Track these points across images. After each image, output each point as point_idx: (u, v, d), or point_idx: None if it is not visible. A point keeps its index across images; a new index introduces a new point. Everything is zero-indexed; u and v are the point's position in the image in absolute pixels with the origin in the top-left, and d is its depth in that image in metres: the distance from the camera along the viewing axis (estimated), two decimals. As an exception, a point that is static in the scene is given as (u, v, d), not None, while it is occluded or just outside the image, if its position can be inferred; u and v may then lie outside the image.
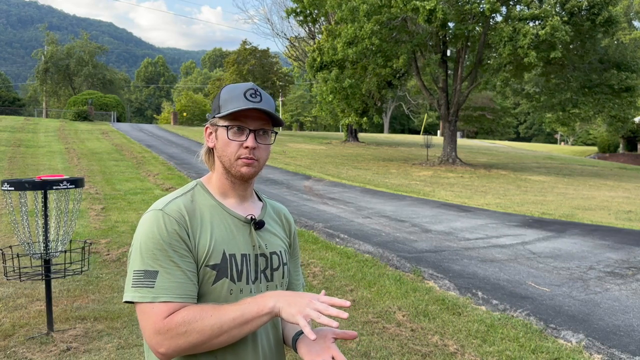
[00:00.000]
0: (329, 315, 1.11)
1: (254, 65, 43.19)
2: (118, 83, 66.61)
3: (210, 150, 1.37)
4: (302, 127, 68.52)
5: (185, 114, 48.41)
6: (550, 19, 17.04)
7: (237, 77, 42.38)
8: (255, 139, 1.29)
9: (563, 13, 18.18)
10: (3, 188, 3.70)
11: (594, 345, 3.91)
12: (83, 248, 4.32)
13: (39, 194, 4.03)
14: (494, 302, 4.86)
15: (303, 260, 6.25)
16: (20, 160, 15.37)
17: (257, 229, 1.34)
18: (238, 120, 1.28)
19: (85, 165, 15.15)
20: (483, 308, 4.79)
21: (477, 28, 20.23)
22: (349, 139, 32.41)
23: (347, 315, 1.11)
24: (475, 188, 15.05)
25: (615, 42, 24.71)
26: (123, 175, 13.72)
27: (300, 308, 1.13)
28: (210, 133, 1.34)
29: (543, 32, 16.74)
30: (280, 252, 1.39)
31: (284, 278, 1.39)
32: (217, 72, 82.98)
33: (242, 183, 1.34)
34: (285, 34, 45.11)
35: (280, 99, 51.24)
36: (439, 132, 43.61)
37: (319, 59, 21.61)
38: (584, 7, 17.89)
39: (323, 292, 1.22)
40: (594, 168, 25.77)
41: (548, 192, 14.83)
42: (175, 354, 1.17)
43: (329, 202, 11.04)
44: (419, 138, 37.38)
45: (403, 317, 4.49)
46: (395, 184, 15.17)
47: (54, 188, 3.82)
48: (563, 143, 65.37)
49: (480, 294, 5.05)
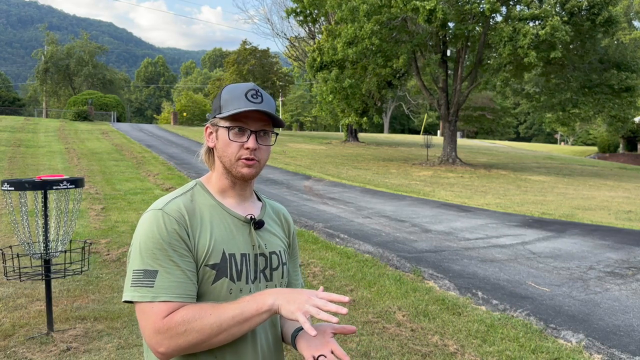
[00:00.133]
0: (328, 311, 1.11)
1: (254, 65, 43.20)
2: (118, 83, 66.62)
3: (210, 150, 1.37)
4: (302, 127, 68.51)
5: (185, 114, 48.41)
6: (550, 19, 17.04)
7: (237, 77, 42.38)
8: (257, 140, 1.29)
9: (563, 13, 18.18)
10: (3, 188, 3.70)
11: (594, 345, 3.91)
12: (83, 248, 4.32)
13: (39, 194, 4.03)
14: (494, 302, 4.86)
15: (303, 260, 6.25)
16: (20, 160, 15.37)
17: (256, 229, 1.34)
18: (239, 121, 1.28)
19: (85, 165, 15.15)
20: (483, 308, 4.79)
21: (477, 28, 20.23)
22: (349, 139, 32.41)
23: (346, 311, 1.10)
24: (475, 188, 15.05)
25: (615, 42, 24.71)
26: (123, 175, 13.72)
27: (300, 304, 1.13)
28: (211, 133, 1.34)
29: (543, 32, 16.74)
30: (280, 252, 1.39)
31: (283, 278, 1.40)
32: (217, 72, 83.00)
33: (242, 183, 1.35)
34: (285, 34, 45.15)
35: (280, 99, 51.24)
36: (439, 132, 43.61)
37: (319, 59, 21.61)
38: (584, 7, 17.89)
39: (321, 288, 1.22)
40: (594, 168, 25.77)
41: (548, 192, 14.83)
42: (175, 354, 1.18)
43: (329, 202, 11.05)
44: (419, 138, 37.38)
45: (403, 317, 4.49)
46: (395, 184, 15.17)
47: (54, 188, 3.82)
48: (563, 143, 65.37)
49: (480, 294, 5.05)
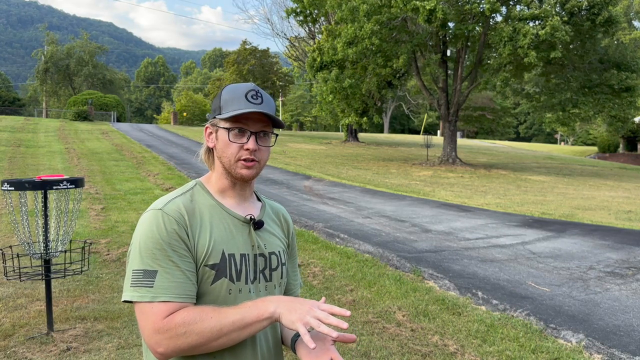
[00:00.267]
0: (329, 325, 1.11)
1: (254, 65, 43.17)
2: (118, 83, 66.58)
3: (210, 150, 1.36)
4: (302, 127, 68.51)
5: (185, 114, 48.43)
6: (550, 19, 17.04)
7: (237, 77, 42.37)
8: (257, 141, 1.29)
9: (563, 13, 18.18)
10: (3, 188, 3.70)
11: (594, 345, 3.90)
12: (83, 248, 4.32)
13: (39, 194, 4.03)
14: (494, 302, 4.86)
15: (303, 260, 6.25)
16: (20, 160, 15.37)
17: (256, 229, 1.34)
18: (239, 122, 1.28)
19: (85, 165, 15.15)
20: (483, 308, 4.79)
21: (477, 28, 20.22)
22: (349, 139, 32.41)
23: (347, 326, 1.10)
24: (475, 188, 15.05)
25: (615, 42, 24.70)
26: (123, 175, 13.72)
27: (301, 315, 1.13)
28: (211, 133, 1.34)
29: (543, 32, 16.74)
30: (279, 252, 1.39)
31: (283, 278, 1.40)
32: (217, 72, 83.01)
33: (242, 183, 1.34)
34: (285, 34, 45.19)
35: (280, 99, 51.23)
36: (439, 132, 43.62)
37: (319, 59, 21.61)
38: (584, 7, 17.89)
39: (323, 299, 1.22)
40: (594, 168, 25.77)
41: (548, 192, 14.83)
42: (174, 354, 1.17)
43: (329, 202, 11.04)
44: (419, 138, 37.38)
45: (403, 317, 4.49)
46: (395, 184, 15.17)
47: (54, 188, 3.82)
48: (563, 143, 65.36)
49: (480, 294, 5.05)
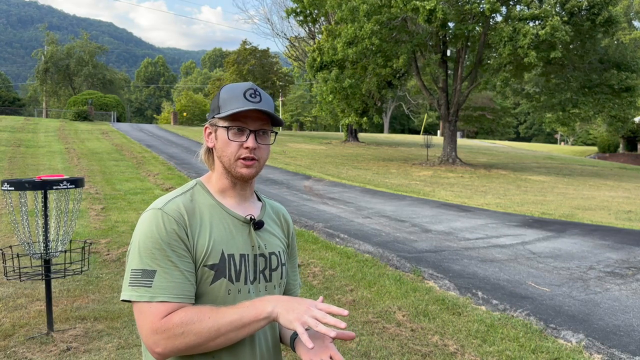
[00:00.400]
0: (327, 324, 1.11)
1: (254, 65, 43.17)
2: (118, 83, 66.57)
3: (210, 150, 1.36)
4: (302, 127, 68.51)
5: (185, 114, 48.44)
6: (550, 19, 17.04)
7: (237, 77, 42.36)
8: (256, 140, 1.29)
9: (563, 13, 18.18)
10: (3, 188, 3.70)
11: (594, 345, 3.90)
12: (83, 248, 4.31)
13: (39, 194, 4.03)
14: (494, 302, 4.86)
15: (303, 260, 6.25)
16: (20, 160, 15.37)
17: (256, 229, 1.34)
18: (238, 121, 1.28)
19: (85, 165, 15.15)
20: (483, 308, 4.79)
21: (477, 28, 20.22)
22: (349, 139, 32.41)
23: (345, 325, 1.10)
24: (475, 188, 15.05)
25: (615, 42, 24.70)
26: (123, 175, 13.72)
27: (299, 315, 1.12)
28: (210, 133, 1.34)
29: (543, 32, 16.74)
30: (279, 252, 1.39)
31: (283, 278, 1.39)
32: (217, 72, 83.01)
33: (242, 183, 1.34)
34: (285, 34, 45.20)
35: (280, 99, 51.23)
36: (439, 132, 43.62)
37: (319, 59, 21.61)
38: (584, 7, 17.89)
39: (321, 298, 1.21)
40: (594, 168, 25.77)
41: (548, 192, 14.83)
42: (172, 354, 1.17)
43: (329, 202, 11.04)
44: (419, 138, 37.38)
45: (403, 317, 4.49)
46: (395, 184, 15.17)
47: (54, 188, 3.82)
48: (563, 143, 65.36)
49: (480, 294, 5.05)
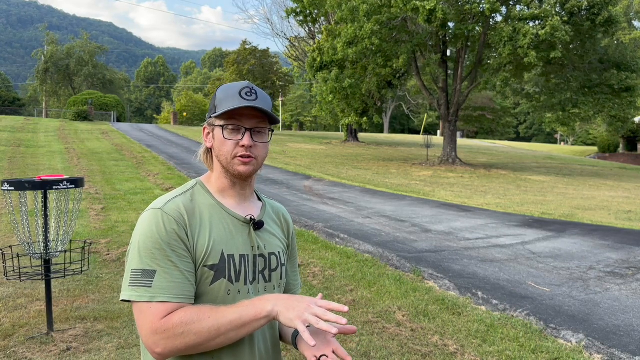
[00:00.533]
0: (327, 321, 1.10)
1: (254, 65, 43.15)
2: (118, 83, 66.57)
3: (209, 150, 1.36)
4: (302, 127, 68.52)
5: (185, 114, 48.44)
6: (550, 19, 17.04)
7: (237, 77, 42.35)
8: (252, 137, 1.29)
9: (563, 13, 18.18)
10: (3, 188, 3.70)
11: (594, 345, 3.90)
12: (83, 248, 4.31)
13: (39, 194, 4.03)
14: (494, 302, 4.86)
15: (303, 260, 6.25)
16: (20, 160, 15.37)
17: (256, 230, 1.33)
18: (233, 119, 1.28)
19: (85, 165, 15.15)
20: (483, 308, 4.79)
21: (477, 28, 20.22)
22: (349, 139, 32.41)
23: (345, 322, 1.10)
24: (475, 188, 15.05)
25: (615, 42, 24.69)
26: (123, 175, 13.71)
27: (299, 313, 1.12)
28: (208, 133, 1.34)
29: (543, 32, 16.74)
30: (279, 252, 1.38)
31: (282, 279, 1.39)
32: (217, 72, 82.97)
33: (241, 182, 1.34)
34: (285, 34, 45.22)
35: (280, 99, 51.24)
36: (439, 132, 43.62)
37: (319, 59, 21.61)
38: (584, 7, 17.89)
39: (320, 295, 1.21)
40: (594, 168, 25.76)
41: (548, 192, 14.83)
42: (172, 354, 1.17)
43: (329, 202, 11.04)
44: (419, 138, 37.39)
45: (403, 317, 4.49)
46: (395, 184, 15.16)
47: (54, 188, 3.82)
48: (563, 143, 65.36)
49: (480, 294, 5.05)
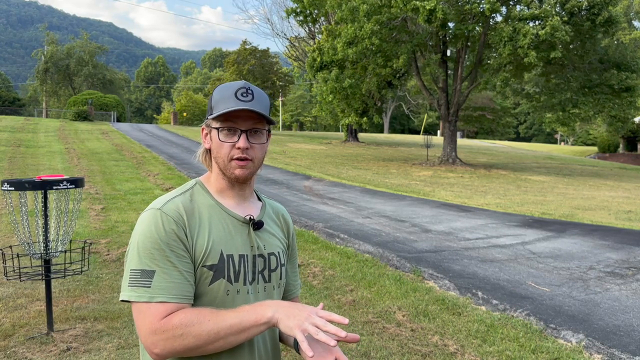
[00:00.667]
0: (327, 332, 1.10)
1: (254, 65, 43.14)
2: (118, 83, 66.56)
3: (208, 151, 1.36)
4: (302, 127, 68.53)
5: (185, 114, 48.43)
6: (550, 19, 17.04)
7: (237, 77, 42.33)
8: (248, 139, 1.28)
9: (563, 13, 18.18)
10: (3, 188, 3.70)
11: (594, 345, 3.90)
12: (83, 248, 4.31)
13: (39, 194, 4.03)
14: (494, 302, 4.86)
15: (303, 260, 6.25)
16: (20, 160, 15.37)
17: (255, 230, 1.33)
18: (229, 121, 1.27)
19: (85, 165, 15.15)
20: (483, 308, 4.79)
21: (477, 28, 20.22)
22: (349, 139, 32.41)
23: (345, 334, 1.09)
24: (475, 188, 15.04)
25: (615, 42, 24.70)
26: (123, 175, 13.71)
27: (299, 322, 1.11)
28: (206, 134, 1.34)
29: (543, 32, 16.74)
30: (279, 253, 1.38)
31: (282, 279, 1.39)
32: (217, 72, 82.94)
33: (239, 184, 1.34)
34: (285, 34, 45.26)
35: (280, 99, 51.23)
36: (439, 132, 43.62)
37: (319, 59, 21.61)
38: (584, 7, 17.89)
39: (321, 304, 1.20)
40: (594, 168, 25.76)
41: (548, 192, 14.82)
42: (170, 355, 1.17)
43: (329, 202, 11.04)
44: (419, 138, 37.38)
45: (403, 317, 4.49)
46: (395, 184, 15.16)
47: (54, 188, 3.82)
48: (563, 143, 65.35)
49: (480, 294, 5.05)
